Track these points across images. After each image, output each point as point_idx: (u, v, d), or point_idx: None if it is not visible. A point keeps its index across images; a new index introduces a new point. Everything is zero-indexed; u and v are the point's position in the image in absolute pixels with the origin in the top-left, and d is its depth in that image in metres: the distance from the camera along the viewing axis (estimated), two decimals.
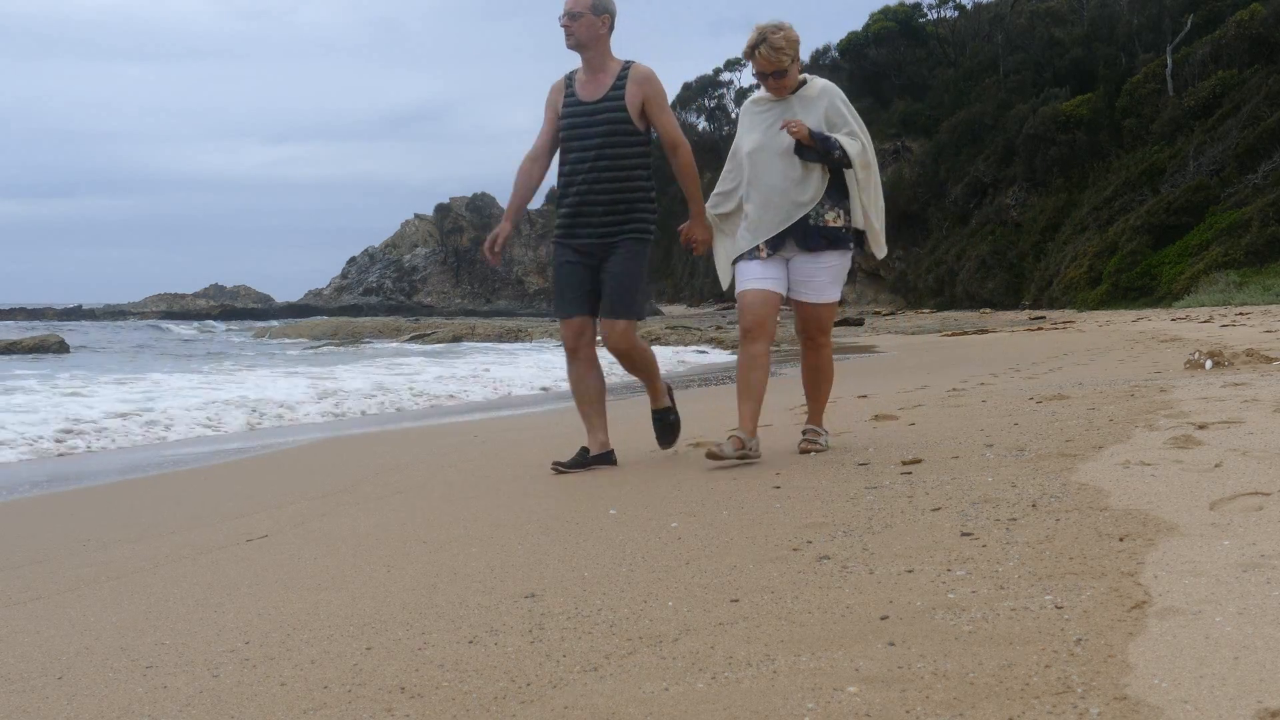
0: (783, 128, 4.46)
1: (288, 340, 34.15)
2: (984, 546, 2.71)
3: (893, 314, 42.95)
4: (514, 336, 28.68)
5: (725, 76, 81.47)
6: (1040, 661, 1.89)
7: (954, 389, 7.68)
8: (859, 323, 34.06)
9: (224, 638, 2.51)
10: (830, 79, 4.79)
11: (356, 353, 24.35)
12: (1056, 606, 2.18)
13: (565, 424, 7.79)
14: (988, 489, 3.42)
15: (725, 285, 4.81)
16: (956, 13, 61.42)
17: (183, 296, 78.76)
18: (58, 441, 8.28)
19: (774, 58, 4.50)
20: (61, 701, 2.15)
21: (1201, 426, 4.28)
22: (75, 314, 68.66)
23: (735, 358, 5.36)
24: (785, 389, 7.58)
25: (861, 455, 4.40)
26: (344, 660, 2.26)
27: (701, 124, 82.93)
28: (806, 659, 2.02)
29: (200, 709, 2.04)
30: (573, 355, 4.89)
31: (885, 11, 61.39)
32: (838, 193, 4.58)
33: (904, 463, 4.07)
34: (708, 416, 6.71)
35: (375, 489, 4.89)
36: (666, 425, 5.07)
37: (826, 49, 62.67)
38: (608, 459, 4.86)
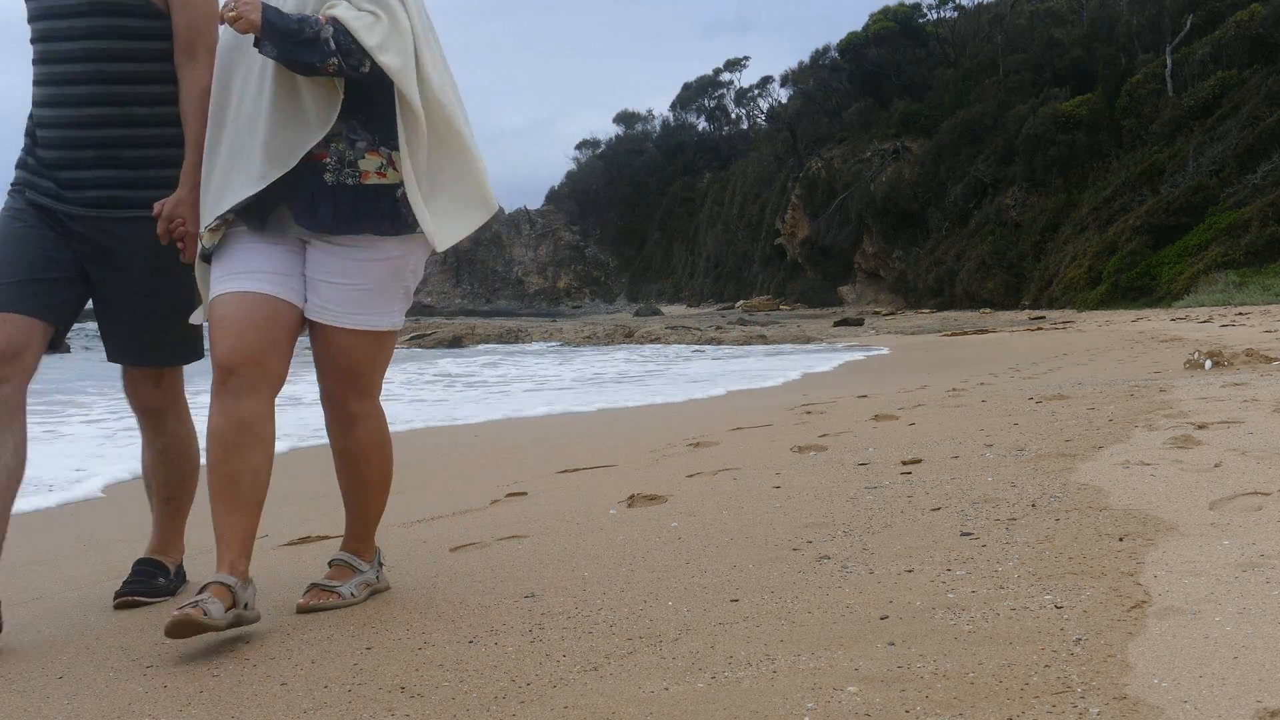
0: (223, 19, 2.41)
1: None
2: (984, 546, 2.71)
3: (892, 314, 42.90)
4: (514, 337, 28.48)
5: (725, 77, 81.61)
6: (1040, 661, 1.90)
7: (954, 389, 7.69)
8: (859, 323, 34.11)
9: (224, 637, 2.51)
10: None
11: (458, 353, 23.72)
12: (1056, 606, 2.19)
13: (574, 428, 7.78)
14: (987, 489, 3.42)
15: (202, 317, 2.66)
16: (956, 13, 61.36)
17: None
18: None
19: None
20: (61, 701, 2.15)
21: (1201, 426, 4.28)
22: None
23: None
24: (784, 387, 7.57)
25: (861, 455, 4.40)
26: (344, 660, 2.26)
27: (702, 124, 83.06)
28: (806, 659, 2.02)
29: (200, 709, 2.04)
30: None
31: (885, 11, 61.30)
32: (381, 120, 2.53)
33: (904, 463, 4.08)
34: (705, 416, 6.70)
35: None
36: (146, 584, 2.87)
37: (826, 49, 62.55)
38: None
